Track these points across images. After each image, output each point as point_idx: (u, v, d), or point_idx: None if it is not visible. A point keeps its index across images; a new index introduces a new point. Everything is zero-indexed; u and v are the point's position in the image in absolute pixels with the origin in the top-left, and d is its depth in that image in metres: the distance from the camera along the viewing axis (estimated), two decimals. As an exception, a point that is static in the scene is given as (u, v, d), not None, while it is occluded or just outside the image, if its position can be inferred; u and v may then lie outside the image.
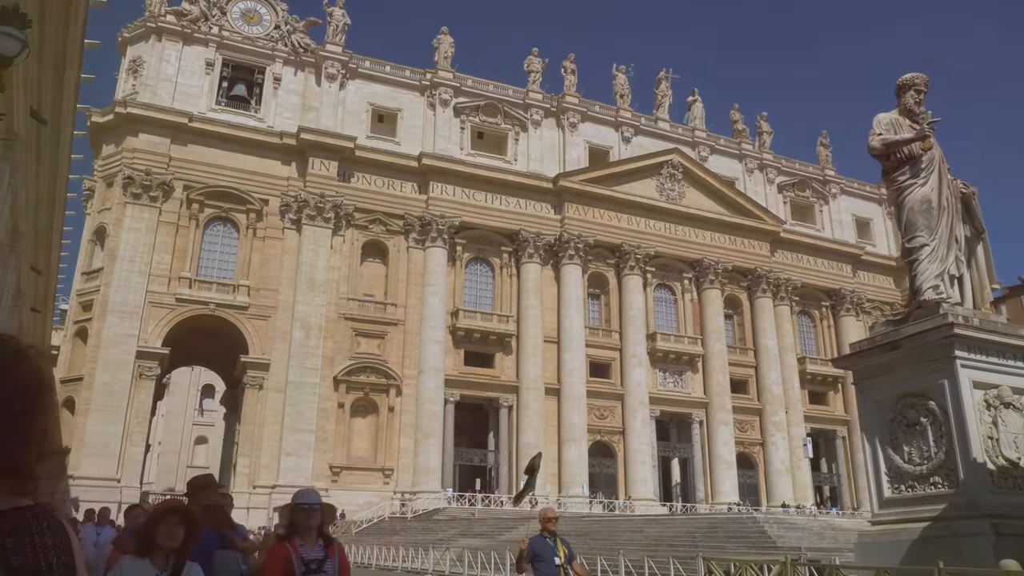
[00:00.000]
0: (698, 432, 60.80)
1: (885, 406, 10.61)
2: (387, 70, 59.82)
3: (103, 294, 47.53)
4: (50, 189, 23.77)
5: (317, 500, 5.74)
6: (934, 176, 11.24)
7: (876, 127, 11.58)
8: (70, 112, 20.84)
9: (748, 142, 71.70)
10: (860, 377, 11.09)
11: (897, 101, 11.93)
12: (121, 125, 50.91)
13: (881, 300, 72.81)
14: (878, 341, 10.84)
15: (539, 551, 9.14)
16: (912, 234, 11.00)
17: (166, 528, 4.38)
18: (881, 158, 11.59)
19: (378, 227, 55.49)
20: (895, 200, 11.48)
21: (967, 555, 8.90)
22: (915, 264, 10.87)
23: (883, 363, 10.70)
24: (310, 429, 48.97)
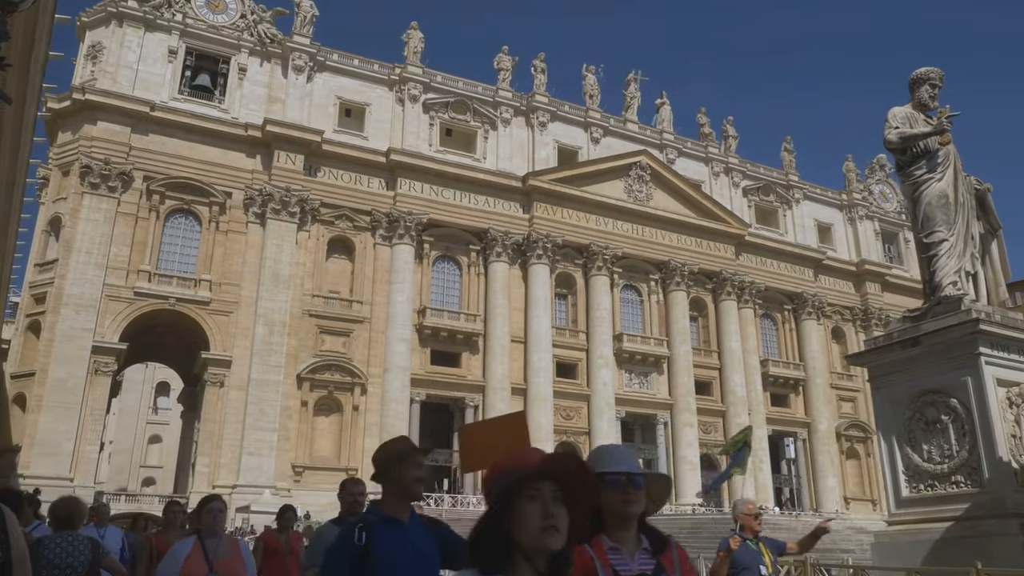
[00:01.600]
0: (663, 433, 60.96)
1: (902, 404, 10.41)
2: (355, 64, 58.86)
3: (58, 286, 45.84)
4: (9, 172, 22.63)
5: (634, 465, 3.49)
6: (950, 171, 11.09)
7: (891, 120, 11.40)
8: (36, 91, 19.84)
9: (715, 146, 72.24)
10: (876, 374, 10.89)
11: (910, 95, 11.78)
12: (79, 112, 49.20)
13: (842, 304, 73.89)
14: (896, 338, 10.64)
15: (743, 559, 7.40)
16: (930, 229, 10.83)
17: None
18: (897, 152, 11.42)
19: (344, 223, 54.53)
20: (910, 195, 11.29)
21: (995, 555, 8.69)
22: (934, 259, 10.69)
23: (901, 360, 10.50)
24: (273, 428, 47.85)
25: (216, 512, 7.04)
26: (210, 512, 6.99)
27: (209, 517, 6.98)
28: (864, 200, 79.10)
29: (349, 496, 7.32)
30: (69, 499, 7.31)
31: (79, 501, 7.42)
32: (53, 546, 6.52)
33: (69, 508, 7.03)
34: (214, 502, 7.13)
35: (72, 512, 7.02)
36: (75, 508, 7.11)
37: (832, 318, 73.32)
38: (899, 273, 78.59)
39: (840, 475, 67.54)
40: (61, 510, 6.99)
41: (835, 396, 70.50)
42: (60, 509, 7.00)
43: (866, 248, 76.85)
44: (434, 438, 56.19)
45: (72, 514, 7.01)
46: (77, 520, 7.13)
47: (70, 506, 7.09)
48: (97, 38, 51.80)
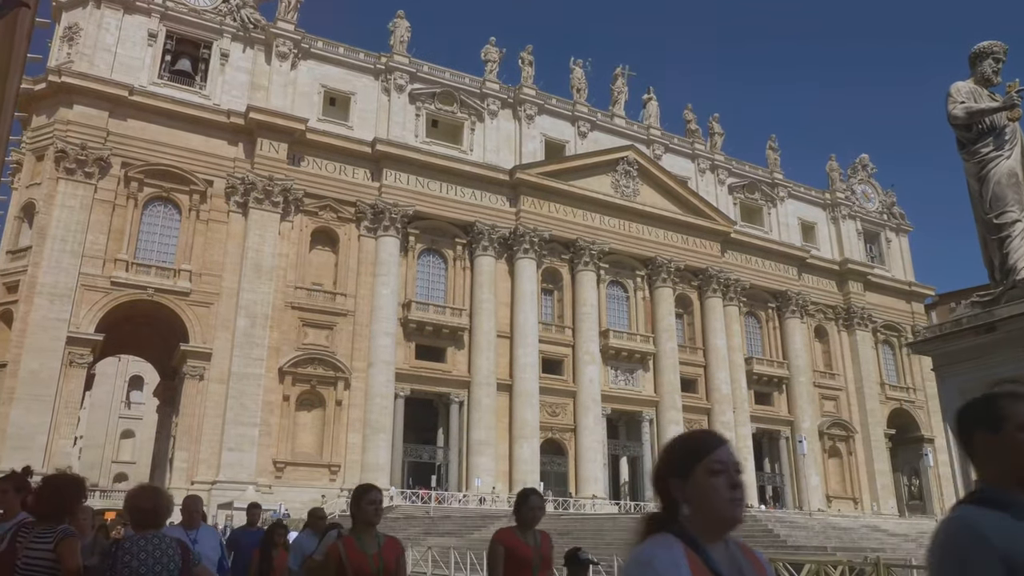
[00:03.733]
0: (648, 430, 60.48)
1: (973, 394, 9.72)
2: (341, 52, 57.63)
3: (31, 275, 44.21)
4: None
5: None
6: (1018, 148, 10.47)
7: (956, 95, 10.74)
8: (20, 60, 18.68)
9: (701, 142, 71.92)
10: (942, 363, 10.25)
11: (971, 70, 11.13)
12: (54, 95, 47.54)
13: (825, 303, 73.98)
14: (965, 324, 9.97)
15: None
16: (1001, 209, 10.16)
17: None
18: (961, 128, 10.75)
19: (328, 214, 53.35)
20: (976, 173, 10.61)
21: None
22: (1006, 241, 10.03)
23: (971, 347, 9.84)
24: (254, 423, 46.62)
25: (377, 504, 6.32)
26: (372, 503, 6.22)
27: (371, 508, 6.22)
28: (847, 199, 79.27)
29: None
30: (152, 489, 5.96)
31: (164, 492, 6.02)
32: (135, 550, 5.31)
33: (154, 500, 5.68)
34: (372, 492, 6.20)
35: (157, 505, 5.67)
36: (160, 500, 5.75)
37: (815, 317, 73.37)
38: (881, 273, 78.95)
39: (823, 473, 67.59)
40: (143, 501, 5.63)
41: (818, 395, 70.55)
42: (142, 500, 5.64)
43: (849, 247, 77.01)
44: (419, 433, 55.45)
45: (157, 508, 5.66)
46: (163, 516, 5.78)
47: (154, 497, 5.73)
48: (74, 19, 50.13)
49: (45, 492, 5.90)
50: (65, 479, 6.06)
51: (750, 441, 64.30)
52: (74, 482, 6.08)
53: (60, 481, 6.04)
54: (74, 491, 5.95)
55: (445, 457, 54.29)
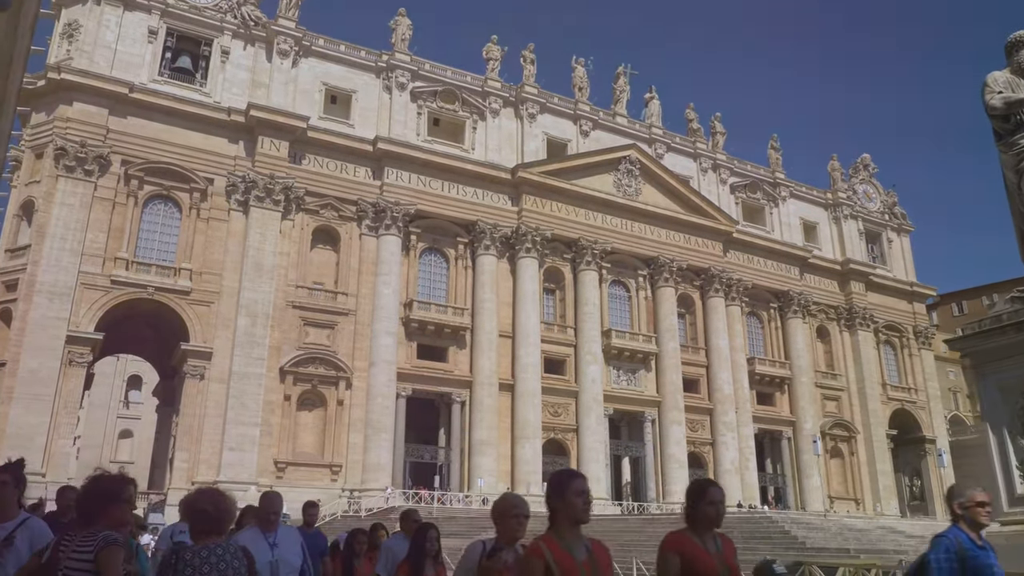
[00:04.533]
0: (650, 431, 60.18)
1: (1013, 392, 9.47)
2: (342, 49, 57.27)
3: (30, 273, 43.79)
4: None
5: None
6: (1056, 140, 10.19)
7: (993, 85, 10.48)
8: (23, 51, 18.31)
9: (703, 142, 71.65)
10: (981, 360, 9.95)
11: (1007, 60, 10.87)
12: (54, 92, 47.09)
13: (826, 303, 73.76)
14: (1006, 320, 9.69)
15: None
16: (1042, 203, 9.88)
17: None
18: (999, 119, 10.48)
19: (330, 212, 52.98)
20: (1014, 165, 10.34)
21: None
22: (1047, 234, 9.74)
23: (1012, 344, 9.55)
24: (255, 422, 46.24)
25: (587, 495, 6.04)
26: (580, 494, 5.78)
27: (579, 501, 5.78)
28: (849, 199, 79.06)
29: None
30: (213, 491, 5.38)
31: (227, 495, 5.41)
32: (197, 562, 4.85)
33: (217, 504, 5.15)
34: (578, 481, 5.70)
35: (220, 509, 5.14)
36: (223, 504, 5.19)
37: (817, 317, 73.15)
38: (883, 273, 78.76)
39: (825, 474, 67.33)
40: (205, 505, 5.10)
41: (820, 395, 70.32)
42: (204, 504, 5.11)
43: (850, 248, 76.80)
44: (420, 433, 55.10)
45: (220, 513, 5.15)
46: (227, 521, 5.25)
47: (217, 501, 5.17)
48: (73, 16, 49.69)
49: (80, 493, 5.48)
50: (97, 479, 5.52)
51: (752, 442, 64.08)
52: (108, 481, 5.64)
53: (91, 482, 5.57)
54: (105, 491, 5.39)
55: (447, 457, 53.94)
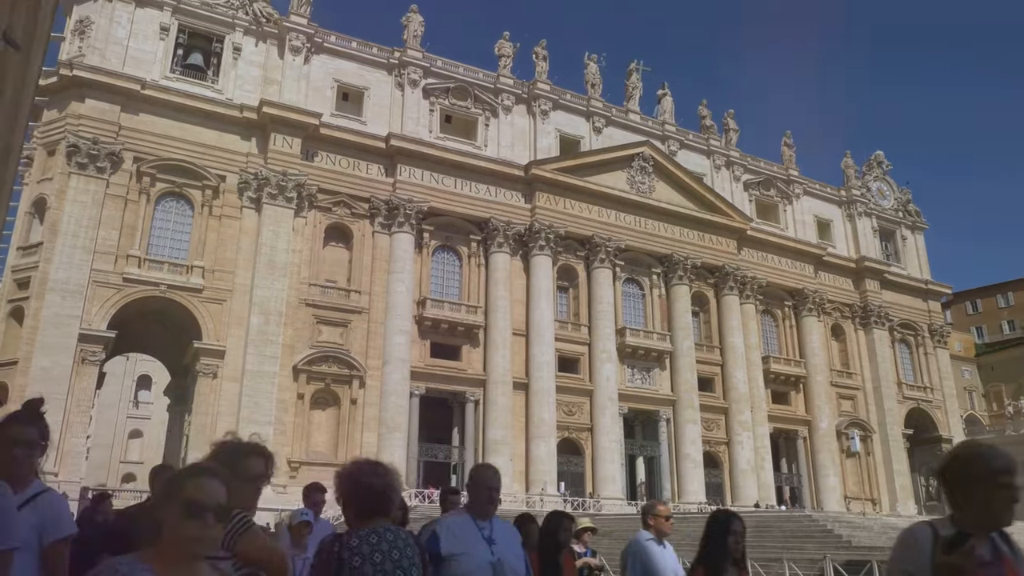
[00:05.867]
0: (665, 430, 59.61)
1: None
2: (354, 46, 56.91)
3: (42, 271, 43.49)
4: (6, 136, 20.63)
5: None
6: None
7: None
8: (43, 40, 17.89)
9: (716, 139, 71.07)
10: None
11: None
12: (65, 89, 46.77)
13: (841, 301, 73.09)
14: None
15: None
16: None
17: None
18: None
19: (342, 210, 52.59)
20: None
21: None
22: None
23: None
24: (268, 421, 45.79)
25: None
26: None
27: None
28: (862, 197, 78.38)
29: None
30: (376, 463, 4.71)
31: (392, 467, 4.69)
32: (366, 549, 4.20)
33: (384, 477, 4.45)
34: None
35: (388, 484, 4.42)
36: (391, 479, 4.50)
37: (832, 315, 72.47)
38: (897, 271, 78.08)
39: (840, 474, 66.66)
40: (371, 478, 4.38)
41: (835, 394, 69.66)
42: (369, 477, 4.40)
43: (865, 245, 76.12)
44: (434, 432, 54.63)
45: (388, 489, 4.42)
46: (395, 499, 4.55)
47: (384, 473, 4.46)
48: (85, 12, 49.42)
49: None
50: (223, 446, 4.75)
51: (768, 441, 63.45)
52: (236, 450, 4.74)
53: (219, 449, 4.75)
54: None
55: (461, 457, 53.47)
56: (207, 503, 3.11)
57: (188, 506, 3.09)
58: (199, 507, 3.09)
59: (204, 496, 3.13)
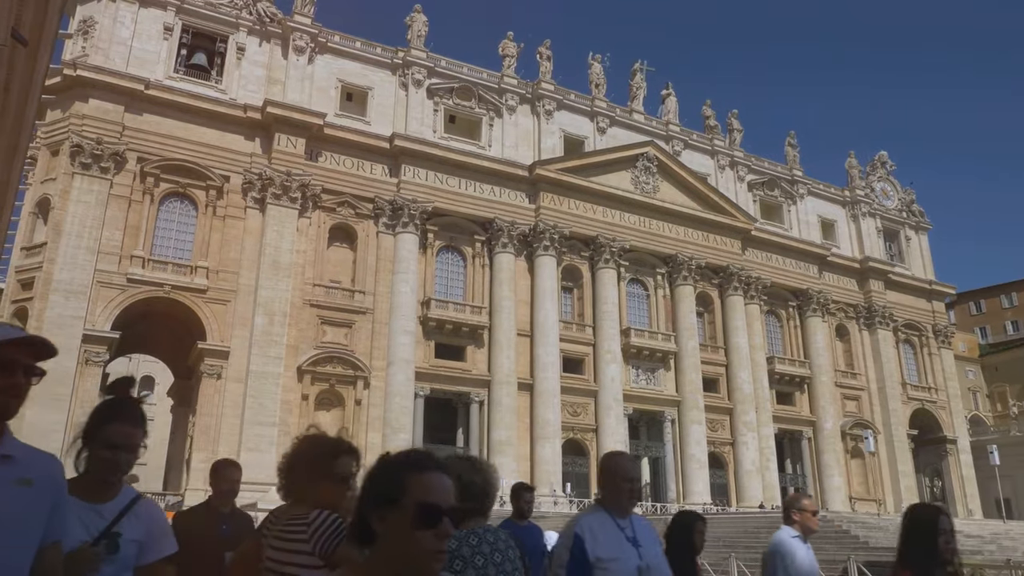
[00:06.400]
0: (670, 431, 59.43)
1: None
2: (358, 46, 56.78)
3: (46, 271, 43.35)
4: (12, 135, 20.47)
5: None
6: None
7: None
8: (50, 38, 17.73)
9: (720, 139, 70.93)
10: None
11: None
12: (69, 89, 46.61)
13: (845, 302, 72.93)
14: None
15: None
16: None
17: None
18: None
19: (346, 210, 52.43)
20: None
21: None
22: None
23: None
24: (272, 423, 45.66)
25: None
26: None
27: None
28: (866, 197, 78.20)
29: None
30: (472, 459, 4.51)
31: (489, 464, 4.48)
32: (467, 551, 3.97)
33: (485, 475, 4.25)
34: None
35: (487, 482, 4.22)
36: (490, 476, 4.29)
37: (836, 315, 72.30)
38: (902, 271, 77.91)
39: (845, 474, 66.48)
40: (473, 475, 4.18)
41: (840, 395, 69.47)
42: (470, 475, 4.19)
43: (869, 245, 75.95)
44: (438, 433, 54.42)
45: (487, 486, 4.22)
46: (493, 498, 4.31)
47: (483, 470, 4.26)
48: (88, 12, 49.29)
49: (289, 459, 4.56)
50: (312, 440, 4.55)
51: (772, 441, 63.25)
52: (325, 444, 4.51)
53: (304, 443, 4.52)
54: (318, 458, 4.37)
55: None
56: (442, 506, 2.39)
57: (420, 511, 2.35)
58: (434, 511, 2.36)
59: (438, 497, 2.40)
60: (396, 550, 2.37)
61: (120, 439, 4.05)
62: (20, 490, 3.10)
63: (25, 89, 19.23)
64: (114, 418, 4.11)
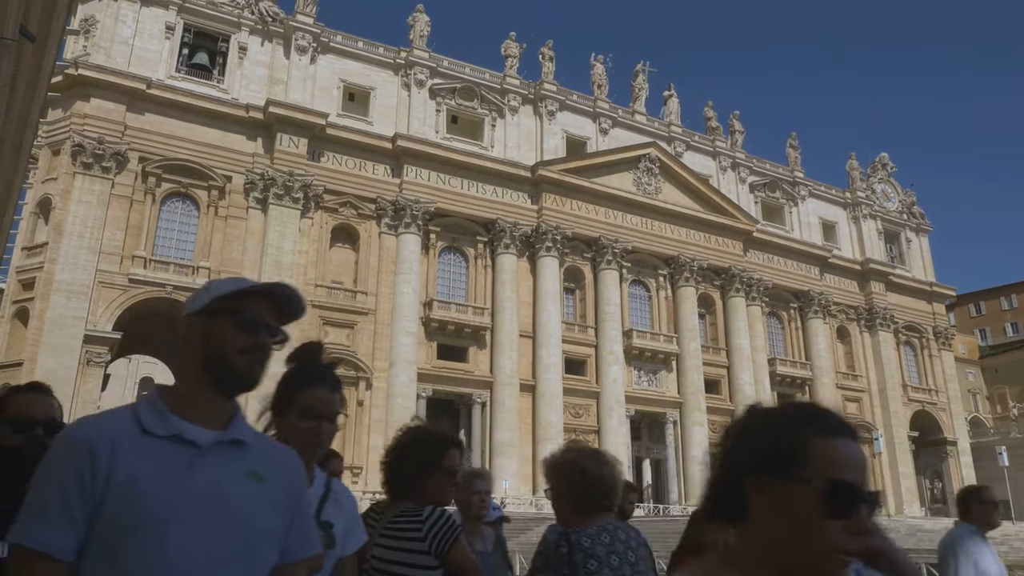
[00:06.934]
0: (672, 432, 59.32)
1: None
2: (360, 46, 56.63)
3: (47, 271, 43.11)
4: (18, 132, 20.26)
5: None
6: None
7: None
8: (57, 35, 17.53)
9: (722, 140, 70.89)
10: None
11: None
12: (71, 88, 46.34)
13: (846, 304, 72.90)
14: None
15: None
16: None
17: None
18: None
19: (348, 210, 52.27)
20: None
21: None
22: None
23: None
24: (274, 423, 45.36)
25: None
26: None
27: None
28: (867, 199, 78.20)
29: None
30: (596, 452, 4.36)
31: (611, 456, 4.33)
32: (600, 550, 3.72)
33: (612, 468, 4.08)
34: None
35: (610, 475, 4.03)
36: (613, 469, 4.12)
37: (837, 317, 72.26)
38: (902, 273, 77.90)
39: (847, 476, 66.31)
40: (601, 468, 3.98)
41: (841, 396, 69.31)
42: (596, 468, 3.99)
43: (869, 247, 75.94)
44: (439, 436, 54.20)
45: (615, 481, 4.05)
46: (618, 492, 4.15)
47: (609, 463, 4.10)
48: (90, 11, 49.07)
49: (393, 452, 4.30)
50: (415, 432, 4.31)
51: (774, 443, 63.06)
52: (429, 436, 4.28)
53: (407, 435, 4.26)
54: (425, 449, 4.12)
55: (468, 459, 53.04)
56: (860, 490, 1.75)
57: (832, 491, 1.68)
58: (850, 494, 1.74)
59: (854, 476, 1.77)
60: (783, 537, 1.71)
61: (321, 407, 3.40)
62: (251, 486, 2.39)
63: (31, 86, 18.87)
64: (311, 383, 3.45)
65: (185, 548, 2.20)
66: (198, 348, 2.52)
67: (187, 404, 2.46)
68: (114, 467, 2.22)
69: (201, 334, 2.53)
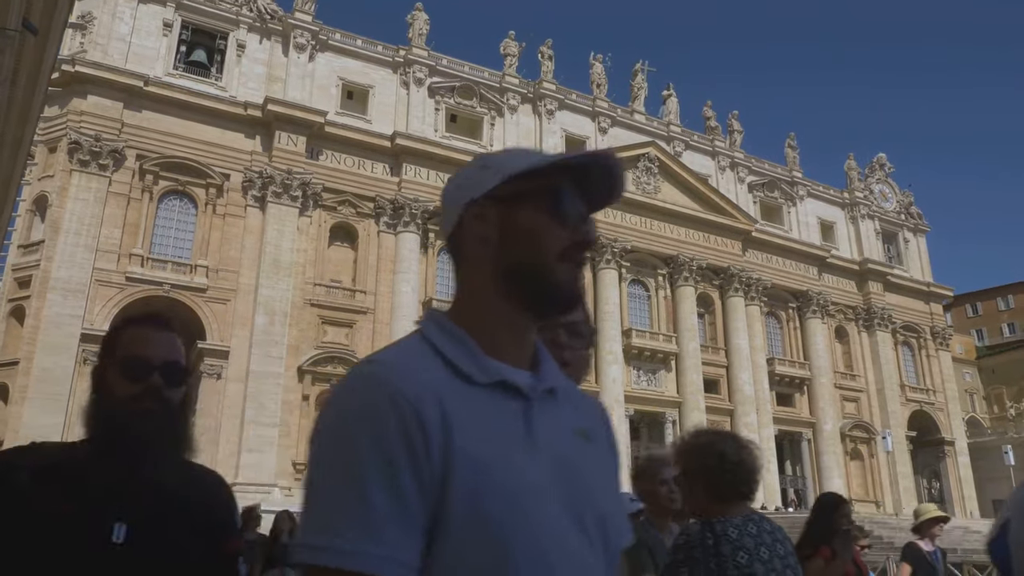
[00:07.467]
0: (671, 432, 59.14)
1: None
2: (359, 44, 56.39)
3: (44, 269, 42.75)
4: (18, 128, 19.94)
5: None
6: None
7: None
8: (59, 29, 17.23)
9: (721, 140, 70.82)
10: None
11: None
12: (67, 85, 45.89)
13: (845, 304, 72.88)
14: None
15: None
16: None
17: None
18: None
19: (347, 209, 52.01)
20: None
21: None
22: None
23: None
24: (273, 423, 45.18)
25: None
26: None
27: None
28: (865, 199, 78.23)
29: None
30: (731, 435, 4.08)
31: (749, 441, 4.01)
32: (749, 542, 3.46)
33: (751, 452, 3.80)
34: None
35: (746, 461, 3.72)
36: (751, 455, 3.82)
37: (836, 317, 72.25)
38: (900, 273, 77.95)
39: (845, 476, 66.36)
40: (743, 453, 3.70)
41: (839, 396, 69.37)
42: (739, 453, 3.70)
43: (868, 247, 75.97)
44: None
45: (757, 466, 3.77)
46: (758, 478, 3.83)
47: (747, 446, 3.80)
48: (87, 8, 48.61)
49: None
50: None
51: (773, 443, 63.04)
52: None
53: None
54: None
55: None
56: None
57: None
58: None
59: None
60: None
61: (582, 327, 2.81)
62: (582, 447, 1.69)
63: (32, 81, 18.50)
64: None
65: (557, 543, 1.49)
66: (496, 252, 1.69)
67: (485, 336, 1.66)
68: (451, 436, 1.46)
69: (499, 230, 1.70)
